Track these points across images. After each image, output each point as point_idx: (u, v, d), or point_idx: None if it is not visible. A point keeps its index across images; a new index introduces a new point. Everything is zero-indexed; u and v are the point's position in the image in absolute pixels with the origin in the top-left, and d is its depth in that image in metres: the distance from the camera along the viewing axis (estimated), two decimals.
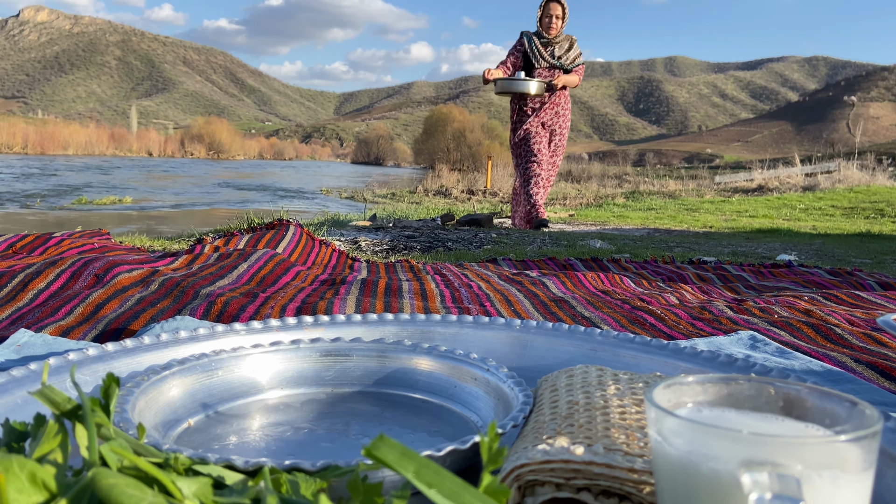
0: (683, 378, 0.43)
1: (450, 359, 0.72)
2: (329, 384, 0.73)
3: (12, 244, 1.73)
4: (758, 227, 4.97)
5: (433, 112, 48.51)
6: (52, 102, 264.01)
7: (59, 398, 0.42)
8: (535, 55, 4.95)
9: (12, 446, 0.43)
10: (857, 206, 7.49)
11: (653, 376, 0.62)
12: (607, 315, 1.23)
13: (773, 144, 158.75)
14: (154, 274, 1.37)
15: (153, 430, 0.58)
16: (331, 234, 3.33)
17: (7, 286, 1.25)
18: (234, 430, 0.63)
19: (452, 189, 10.88)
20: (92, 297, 1.17)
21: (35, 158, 33.81)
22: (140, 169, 23.59)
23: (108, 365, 0.71)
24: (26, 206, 8.25)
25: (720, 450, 0.35)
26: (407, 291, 1.44)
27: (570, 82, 4.99)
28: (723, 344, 0.98)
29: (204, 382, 0.68)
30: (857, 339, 1.07)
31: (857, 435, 0.35)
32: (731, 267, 2.09)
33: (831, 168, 13.64)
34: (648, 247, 3.17)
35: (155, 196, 11.20)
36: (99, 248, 1.73)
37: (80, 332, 1.00)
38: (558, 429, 0.51)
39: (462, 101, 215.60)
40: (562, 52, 4.98)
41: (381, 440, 0.35)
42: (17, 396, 0.62)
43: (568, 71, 5.01)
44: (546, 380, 0.65)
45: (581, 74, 5.08)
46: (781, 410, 0.41)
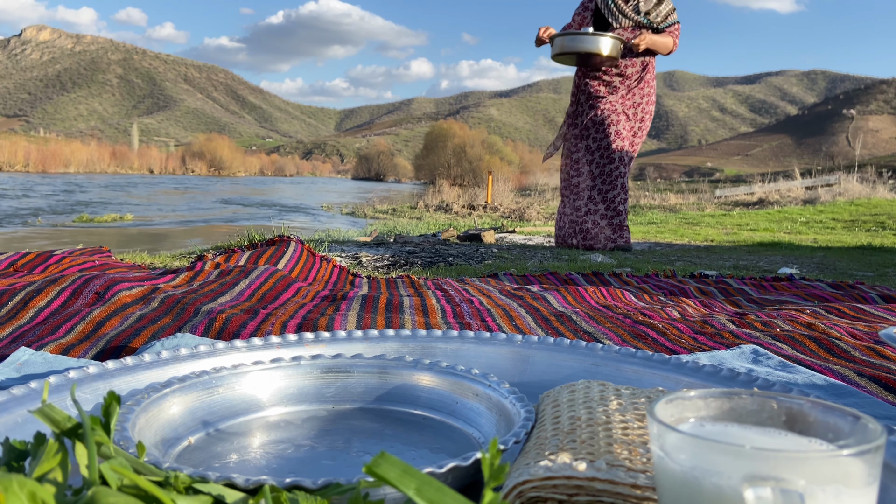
0: (686, 393, 0.43)
1: (451, 375, 0.72)
2: (330, 401, 0.73)
3: (13, 262, 1.73)
4: (759, 241, 4.97)
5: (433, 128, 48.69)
6: (54, 121, 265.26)
7: (59, 417, 0.42)
8: (613, 11, 3.66)
9: (12, 465, 0.43)
10: (858, 219, 7.50)
11: (655, 391, 0.62)
12: (609, 330, 1.23)
13: (773, 158, 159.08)
14: (155, 291, 1.37)
15: (153, 448, 0.58)
16: (331, 249, 3.34)
17: (8, 304, 1.25)
18: (234, 447, 0.63)
19: (453, 204, 10.90)
20: (92, 314, 1.17)
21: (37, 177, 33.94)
22: (141, 186, 23.65)
23: (109, 383, 0.71)
24: (27, 223, 8.27)
25: (723, 465, 0.35)
26: (408, 307, 1.44)
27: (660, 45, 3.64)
28: (725, 358, 0.98)
29: (204, 400, 0.67)
30: (860, 352, 1.07)
31: (861, 449, 0.34)
32: (733, 280, 2.08)
33: (832, 181, 13.67)
34: (650, 261, 3.17)
35: (156, 213, 11.22)
36: (100, 266, 1.73)
37: (81, 350, 1.00)
38: (561, 444, 0.50)
39: (462, 116, 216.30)
40: (649, 6, 3.68)
41: (382, 457, 0.34)
42: (17, 415, 0.62)
43: (659, 31, 3.69)
44: (548, 395, 0.64)
45: (677, 36, 3.71)
46: (784, 425, 0.41)
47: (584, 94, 3.77)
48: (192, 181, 34.29)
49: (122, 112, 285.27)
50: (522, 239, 4.92)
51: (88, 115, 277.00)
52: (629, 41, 3.62)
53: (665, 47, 3.65)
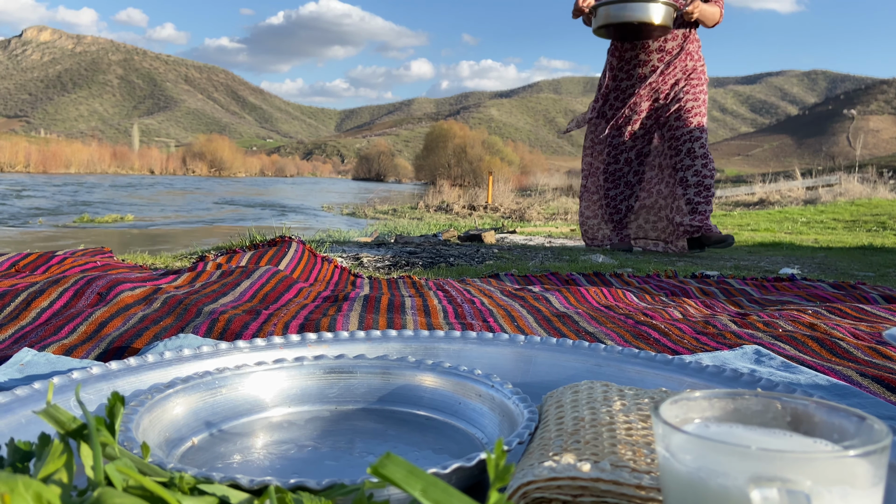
0: (690, 394, 0.43)
1: (454, 375, 0.72)
2: (333, 401, 0.73)
3: (15, 263, 1.73)
4: (760, 241, 4.97)
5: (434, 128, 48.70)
6: (55, 121, 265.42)
7: (64, 418, 0.42)
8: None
9: (17, 466, 0.43)
10: (858, 220, 7.50)
11: (658, 392, 0.62)
12: (611, 330, 1.23)
13: (774, 158, 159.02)
14: (157, 292, 1.37)
15: (157, 448, 0.58)
16: (333, 250, 3.34)
17: (10, 305, 1.25)
18: (238, 448, 0.63)
19: (453, 204, 10.90)
20: (95, 315, 1.17)
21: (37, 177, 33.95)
22: (141, 187, 23.66)
23: (112, 383, 0.71)
24: (27, 223, 8.28)
25: (729, 466, 0.35)
26: (410, 307, 1.44)
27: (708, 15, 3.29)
28: (727, 359, 0.98)
29: (208, 400, 0.67)
30: (863, 352, 1.07)
31: (867, 450, 0.34)
32: (734, 281, 2.08)
33: (832, 181, 13.66)
34: (651, 261, 3.16)
35: (157, 213, 11.22)
36: (101, 266, 1.73)
37: (84, 351, 1.00)
38: (564, 445, 0.50)
39: (462, 116, 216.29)
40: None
41: (387, 458, 0.34)
42: (21, 416, 0.62)
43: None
44: (551, 396, 0.64)
45: (722, 6, 3.34)
46: (789, 426, 0.41)
47: (625, 67, 3.35)
48: (192, 182, 34.31)
49: (122, 113, 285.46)
50: (523, 239, 4.92)
51: (89, 116, 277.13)
52: (682, 7, 3.24)
53: (712, 18, 3.29)
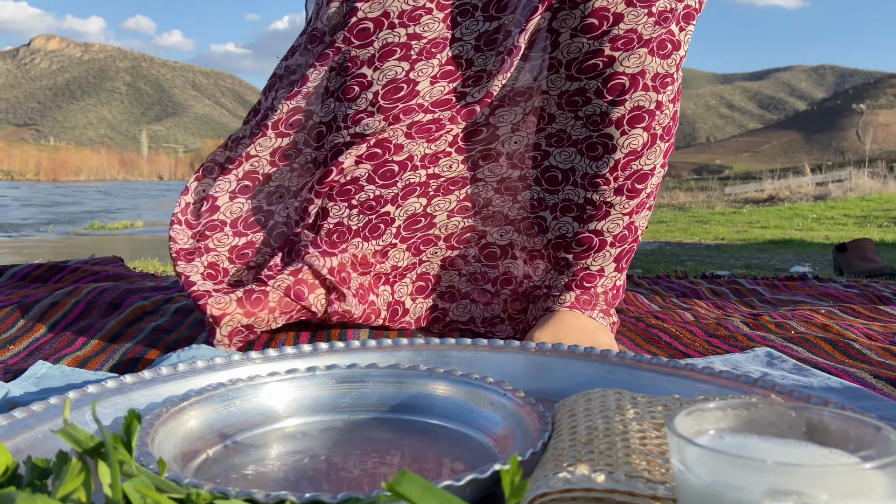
0: (704, 404, 0.43)
1: (466, 384, 0.72)
2: (346, 411, 0.73)
3: (27, 274, 1.74)
4: (770, 238, 4.95)
5: None
6: (64, 129, 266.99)
7: (81, 436, 0.43)
8: None
9: (35, 484, 0.43)
10: (869, 215, 7.45)
11: (671, 399, 0.61)
12: (622, 334, 1.22)
13: (783, 154, 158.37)
14: (168, 301, 1.38)
15: (172, 461, 0.58)
16: None
17: (24, 317, 1.26)
18: (252, 459, 0.63)
19: None
20: (108, 326, 1.18)
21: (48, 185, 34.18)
22: (151, 193, 23.79)
23: (127, 397, 0.71)
24: (39, 230, 8.34)
25: (745, 479, 0.35)
26: None
27: None
28: (739, 362, 0.98)
29: (221, 412, 0.68)
30: (876, 353, 1.06)
31: (884, 462, 0.34)
32: (745, 281, 2.07)
33: (842, 177, 13.58)
34: (660, 261, 3.16)
35: (166, 219, 11.27)
36: (113, 276, 1.74)
37: (98, 363, 1.01)
38: (578, 455, 0.50)
39: None
40: None
41: (403, 475, 0.35)
42: (38, 431, 0.62)
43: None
44: (564, 404, 0.64)
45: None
46: (804, 435, 0.41)
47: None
48: None
49: (130, 119, 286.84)
50: None
51: (98, 123, 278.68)
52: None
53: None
